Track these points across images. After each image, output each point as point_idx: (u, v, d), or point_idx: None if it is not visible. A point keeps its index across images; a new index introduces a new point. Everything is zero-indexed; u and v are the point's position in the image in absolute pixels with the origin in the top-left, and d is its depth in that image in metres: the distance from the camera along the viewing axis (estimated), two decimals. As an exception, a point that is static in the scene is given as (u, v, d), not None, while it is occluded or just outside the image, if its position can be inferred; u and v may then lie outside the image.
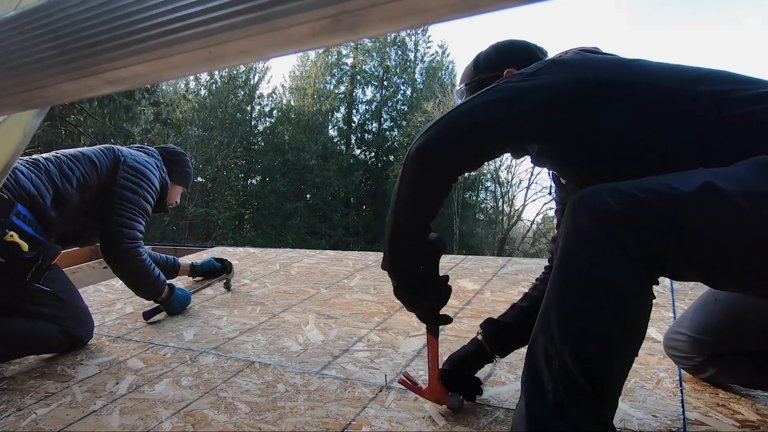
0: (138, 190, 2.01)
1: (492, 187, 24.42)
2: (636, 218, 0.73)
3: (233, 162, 22.28)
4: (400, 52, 26.09)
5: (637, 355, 0.78)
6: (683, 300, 1.82)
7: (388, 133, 25.64)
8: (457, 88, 1.26)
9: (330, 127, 25.75)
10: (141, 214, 2.01)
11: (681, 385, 1.24)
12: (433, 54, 26.57)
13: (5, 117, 0.70)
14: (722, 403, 1.15)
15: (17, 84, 0.44)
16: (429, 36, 26.36)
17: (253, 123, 25.07)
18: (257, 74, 24.93)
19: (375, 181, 24.72)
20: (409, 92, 25.90)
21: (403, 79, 25.99)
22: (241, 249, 3.52)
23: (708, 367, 1.16)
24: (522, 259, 2.69)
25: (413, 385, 1.24)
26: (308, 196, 23.59)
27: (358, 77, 25.66)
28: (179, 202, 2.47)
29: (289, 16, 0.32)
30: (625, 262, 0.74)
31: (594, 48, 1.04)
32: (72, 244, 2.02)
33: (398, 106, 25.79)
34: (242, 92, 24.49)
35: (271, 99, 25.50)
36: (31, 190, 1.72)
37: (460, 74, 1.29)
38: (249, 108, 24.87)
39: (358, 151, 25.48)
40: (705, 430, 1.06)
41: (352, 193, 23.43)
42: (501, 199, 23.51)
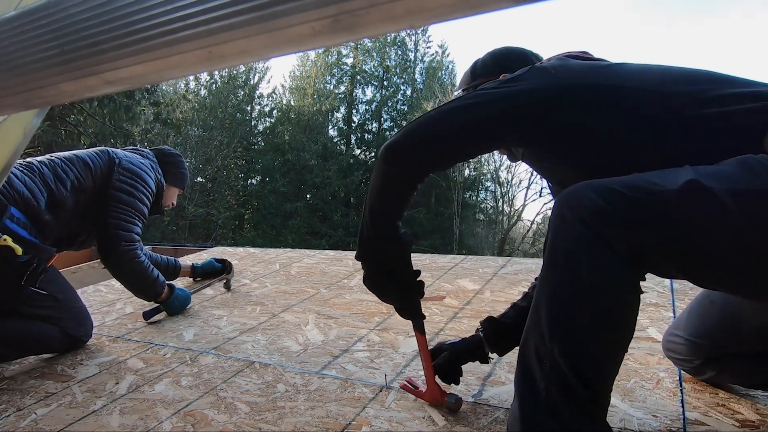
0: (134, 192, 2.00)
1: (492, 187, 24.42)
2: (621, 215, 0.73)
3: (233, 162, 22.27)
4: (400, 52, 26.09)
5: (627, 351, 0.78)
6: (683, 300, 1.82)
7: (388, 133, 25.61)
8: (455, 94, 1.28)
9: (330, 127, 25.75)
10: (137, 216, 2.00)
11: (681, 385, 1.24)
12: (433, 54, 26.59)
13: (5, 117, 0.70)
14: (722, 403, 1.15)
15: (17, 84, 0.44)
16: (429, 36, 26.38)
17: (253, 123, 25.07)
18: (257, 74, 24.94)
19: (375, 181, 24.65)
20: (409, 92, 25.90)
21: (403, 79, 25.99)
22: (241, 249, 3.52)
23: (707, 369, 1.16)
24: (522, 259, 2.69)
25: (414, 389, 1.27)
26: (308, 196, 23.59)
27: (358, 77, 25.65)
28: (175, 204, 2.46)
29: (289, 16, 0.32)
30: (612, 259, 0.74)
31: (582, 53, 1.07)
32: (67, 248, 2.00)
33: (398, 106, 25.79)
34: (242, 92, 24.48)
35: (271, 99, 25.51)
36: (24, 193, 1.70)
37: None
38: (249, 108, 24.86)
39: (358, 151, 25.47)
40: (705, 430, 1.06)
41: (352, 193, 23.42)
42: (501, 199, 23.50)
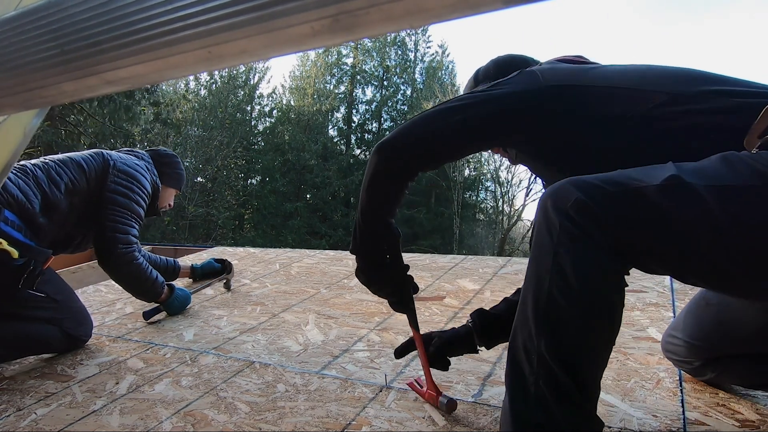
0: (129, 194, 1.99)
1: (492, 187, 24.43)
2: (602, 210, 0.74)
3: (233, 162, 22.27)
4: (400, 52, 26.09)
5: (614, 344, 0.79)
6: (683, 300, 1.82)
7: (388, 133, 25.53)
8: None
9: (330, 127, 25.75)
10: (134, 218, 1.99)
11: (681, 385, 1.24)
12: (433, 54, 26.59)
13: (5, 117, 0.70)
14: (722, 403, 1.15)
15: (17, 84, 0.44)
16: (429, 36, 26.39)
17: (253, 123, 25.07)
18: (257, 74, 24.94)
19: (375, 181, 24.65)
20: (409, 92, 25.90)
21: (403, 79, 25.99)
22: (241, 249, 3.52)
23: (707, 370, 1.16)
24: (522, 259, 2.69)
25: (420, 387, 1.28)
26: (308, 196, 23.59)
27: (358, 77, 25.65)
28: (172, 205, 2.44)
29: (289, 16, 0.32)
30: (595, 253, 0.75)
31: (576, 57, 1.10)
32: (62, 251, 1.98)
33: (398, 106, 25.78)
34: (242, 92, 24.49)
35: (271, 99, 25.51)
36: (18, 195, 1.70)
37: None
38: (249, 108, 24.86)
39: (358, 151, 25.47)
40: (705, 430, 1.06)
41: (352, 193, 23.40)
42: (501, 199, 23.50)
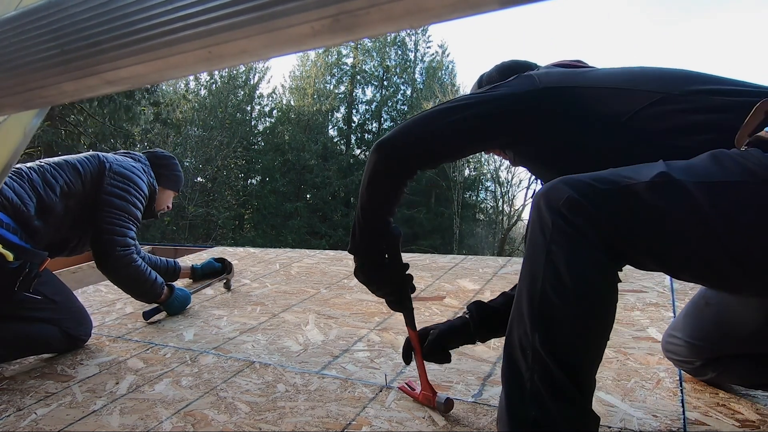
0: (126, 196, 1.98)
1: (492, 187, 24.43)
2: (595, 208, 0.76)
3: (233, 162, 22.28)
4: (400, 52, 26.09)
5: (608, 340, 0.79)
6: (683, 300, 1.82)
7: (388, 131, 25.58)
8: None
9: (330, 127, 25.76)
10: (131, 220, 1.98)
11: (681, 385, 1.24)
12: (433, 54, 26.60)
13: (5, 117, 0.70)
14: (722, 403, 1.15)
15: (17, 84, 0.44)
16: (429, 36, 26.40)
17: (253, 123, 25.07)
18: (257, 74, 24.94)
19: (375, 181, 24.65)
20: (409, 92, 25.91)
21: (403, 79, 25.99)
22: (241, 249, 3.52)
23: (707, 370, 1.16)
24: (522, 259, 2.69)
25: (412, 390, 1.28)
26: (308, 196, 23.59)
27: (358, 77, 25.66)
28: (171, 207, 2.42)
29: (289, 16, 0.32)
30: (587, 250, 0.76)
31: (575, 61, 1.13)
32: (59, 254, 1.97)
33: (398, 106, 25.79)
34: (242, 92, 24.49)
35: (271, 99, 25.52)
36: (13, 198, 1.69)
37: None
38: (249, 108, 24.87)
39: (358, 151, 25.47)
40: (705, 430, 1.06)
41: (352, 193, 23.40)
42: (501, 199, 23.50)
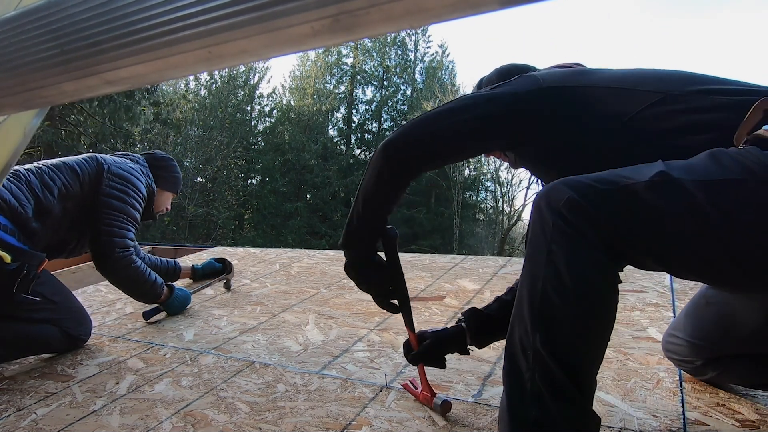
0: (125, 198, 1.98)
1: (492, 187, 24.43)
2: (594, 208, 0.76)
3: (233, 162, 22.28)
4: (400, 52, 26.09)
5: (609, 340, 0.79)
6: (683, 300, 1.82)
7: (388, 133, 25.62)
8: None
9: (330, 127, 25.76)
10: (130, 221, 1.98)
11: (681, 385, 1.24)
12: (433, 54, 26.60)
13: (5, 117, 0.70)
14: (722, 403, 1.15)
15: (17, 84, 0.44)
16: (429, 36, 26.39)
17: (253, 123, 25.07)
18: (257, 74, 24.95)
19: (375, 181, 24.66)
20: (409, 92, 25.91)
21: (403, 79, 25.99)
22: (241, 249, 3.52)
23: (708, 370, 1.16)
24: (522, 259, 2.69)
25: (414, 389, 1.28)
26: (308, 196, 23.60)
27: (358, 77, 25.66)
28: (169, 209, 2.42)
29: (289, 16, 0.32)
30: (587, 250, 0.76)
31: (574, 64, 1.13)
32: (57, 256, 1.97)
33: (398, 106, 25.79)
34: (242, 92, 24.49)
35: (271, 99, 25.52)
36: (11, 200, 1.69)
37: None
38: (249, 108, 24.87)
39: (358, 151, 25.48)
40: (705, 430, 1.06)
41: (352, 193, 23.37)
42: (501, 199, 23.50)
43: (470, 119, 0.98)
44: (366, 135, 25.90)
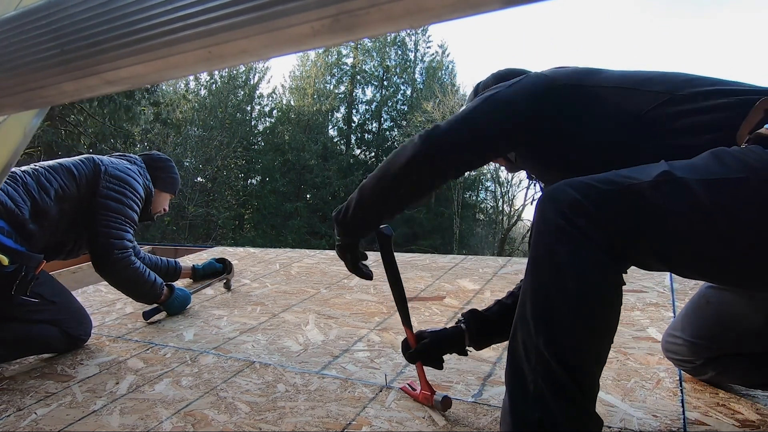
0: (122, 199, 1.97)
1: (492, 187, 24.44)
2: (597, 209, 0.76)
3: (233, 162, 22.28)
4: (400, 52, 26.09)
5: (612, 342, 0.79)
6: (683, 300, 1.82)
7: (388, 133, 25.64)
8: None
9: (330, 127, 25.77)
10: (128, 223, 1.98)
11: (681, 385, 1.24)
12: (433, 54, 26.60)
13: (5, 117, 0.70)
14: (722, 403, 1.15)
15: (17, 84, 0.44)
16: (429, 36, 26.40)
17: (253, 123, 25.08)
18: (257, 74, 24.96)
19: (375, 181, 24.68)
20: (409, 92, 25.91)
21: (403, 79, 25.99)
22: (241, 249, 3.52)
23: (708, 369, 1.16)
24: (522, 259, 2.69)
25: (413, 391, 1.29)
26: (308, 196, 23.60)
27: (358, 77, 25.66)
28: (167, 210, 2.42)
29: (289, 16, 0.32)
30: (591, 251, 0.76)
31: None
32: (55, 257, 1.97)
33: (398, 106, 25.80)
34: (242, 92, 24.50)
35: (271, 99, 25.53)
36: (7, 202, 1.68)
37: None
38: (249, 108, 24.88)
39: (358, 151, 25.49)
40: (705, 430, 1.06)
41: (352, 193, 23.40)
42: (501, 199, 23.51)
43: (500, 120, 0.99)
44: (366, 135, 25.90)
